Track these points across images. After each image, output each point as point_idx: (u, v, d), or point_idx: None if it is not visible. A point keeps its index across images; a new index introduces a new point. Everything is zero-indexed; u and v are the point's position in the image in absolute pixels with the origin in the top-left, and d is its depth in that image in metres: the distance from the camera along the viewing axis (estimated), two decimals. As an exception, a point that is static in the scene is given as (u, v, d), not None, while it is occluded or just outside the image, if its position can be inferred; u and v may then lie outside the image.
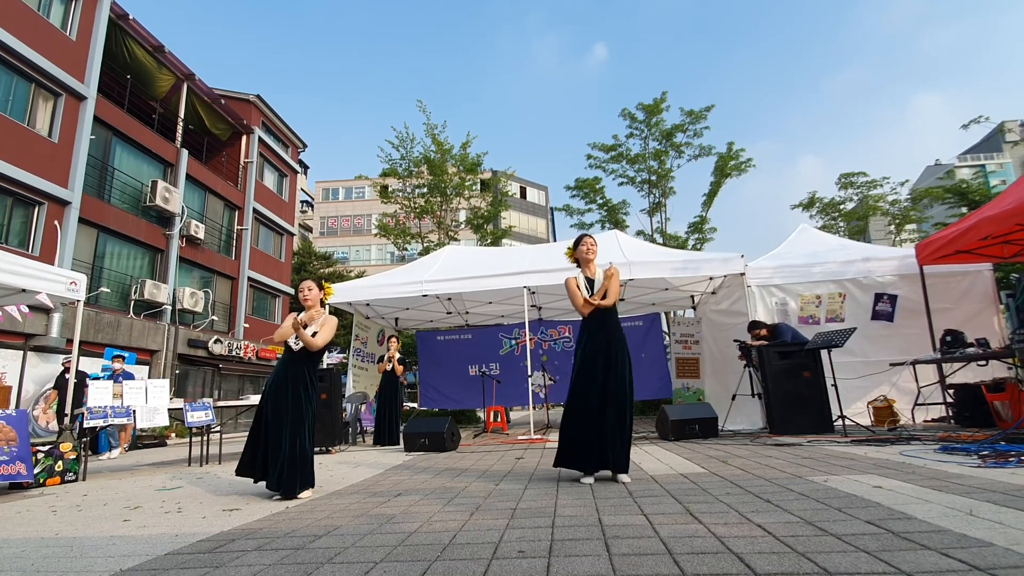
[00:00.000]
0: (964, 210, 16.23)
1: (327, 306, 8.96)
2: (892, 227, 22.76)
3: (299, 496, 3.57)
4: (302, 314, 3.89)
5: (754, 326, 6.81)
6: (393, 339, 8.25)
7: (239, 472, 3.83)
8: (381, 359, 8.09)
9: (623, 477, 3.47)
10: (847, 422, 5.83)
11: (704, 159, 18.34)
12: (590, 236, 4.03)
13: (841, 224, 23.01)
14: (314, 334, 3.82)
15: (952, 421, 6.24)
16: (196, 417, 6.33)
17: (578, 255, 3.96)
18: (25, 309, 6.21)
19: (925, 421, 6.60)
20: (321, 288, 4.08)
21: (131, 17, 15.14)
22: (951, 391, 6.31)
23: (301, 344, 3.80)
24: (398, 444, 7.54)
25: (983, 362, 6.01)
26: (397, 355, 7.96)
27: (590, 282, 3.85)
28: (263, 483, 3.76)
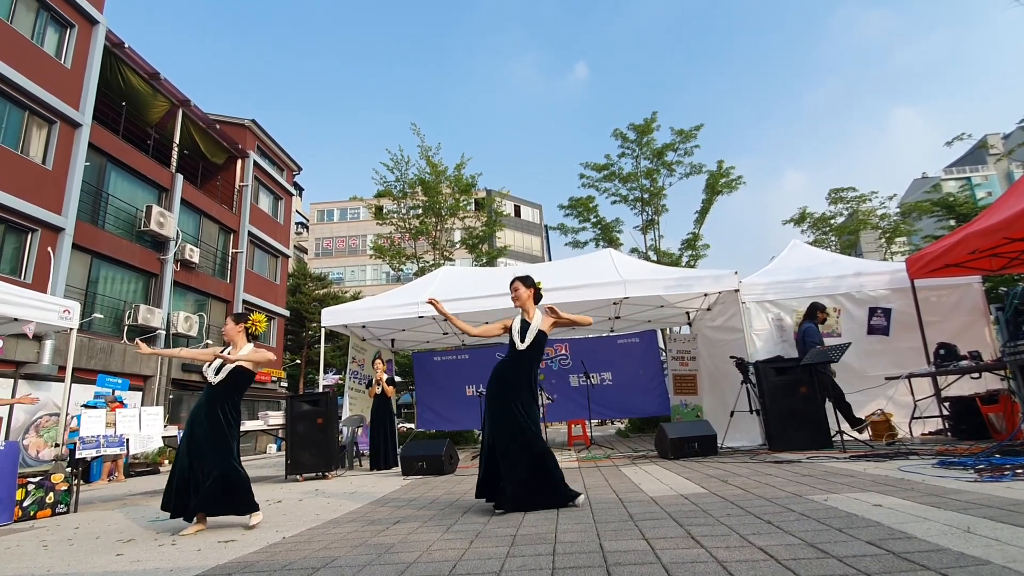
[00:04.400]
0: (952, 223, 16.48)
1: (322, 329, 8.90)
2: (883, 241, 23.02)
3: (251, 519, 3.65)
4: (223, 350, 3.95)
5: (817, 308, 6.86)
6: (378, 361, 8.25)
7: (169, 512, 3.68)
8: (370, 383, 8.07)
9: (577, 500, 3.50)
10: (845, 437, 5.83)
11: (695, 177, 18.59)
12: (518, 280, 3.89)
13: (832, 239, 23.27)
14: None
15: (949, 433, 6.26)
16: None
17: (513, 298, 3.88)
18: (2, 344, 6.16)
19: (922, 434, 6.61)
20: (243, 321, 4.01)
21: (127, 45, 15.34)
22: (946, 404, 6.34)
23: (220, 377, 3.81)
24: (394, 467, 7.48)
25: (976, 374, 6.05)
26: (384, 376, 7.95)
27: (525, 325, 3.78)
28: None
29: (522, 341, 3.72)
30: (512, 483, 3.43)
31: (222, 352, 3.91)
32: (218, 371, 3.84)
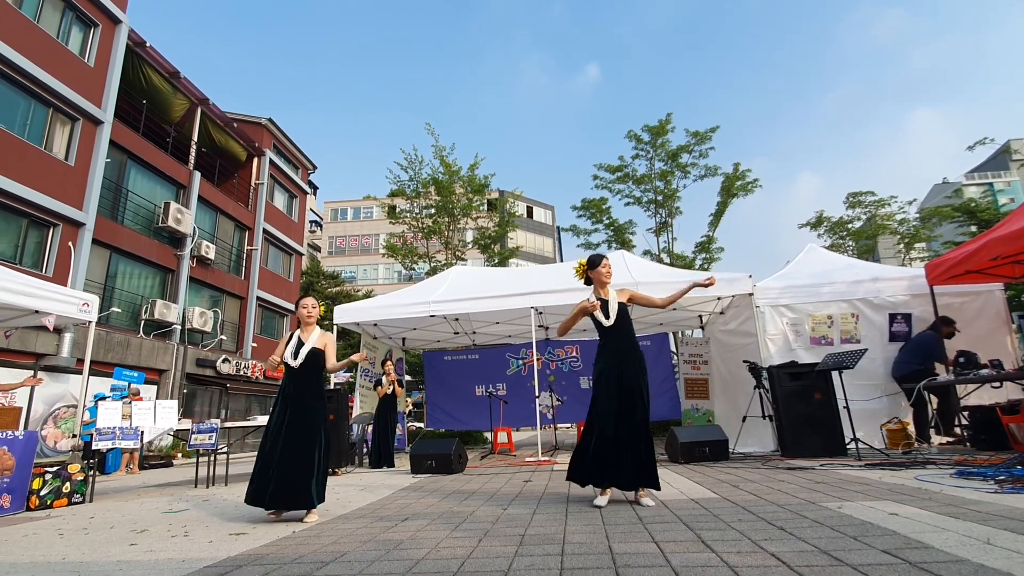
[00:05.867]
0: (973, 229, 16.15)
1: (334, 326, 9.00)
2: (901, 246, 22.62)
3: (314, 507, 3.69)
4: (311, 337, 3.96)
5: (943, 322, 6.48)
6: (388, 363, 8.34)
7: (252, 501, 3.72)
8: (379, 383, 8.17)
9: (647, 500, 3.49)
10: (860, 445, 5.73)
11: (710, 179, 18.45)
12: (608, 258, 4.01)
13: (850, 243, 22.92)
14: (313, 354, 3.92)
15: (967, 443, 6.12)
16: (199, 440, 6.30)
17: (595, 276, 3.95)
18: (10, 332, 6.29)
19: (940, 444, 6.48)
20: (319, 304, 4.17)
21: (148, 44, 15.59)
22: (965, 413, 6.21)
23: (300, 360, 3.85)
24: (393, 466, 7.64)
25: (997, 383, 5.92)
26: (396, 377, 8.10)
27: (604, 303, 3.85)
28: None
29: (607, 318, 3.79)
30: (632, 460, 3.46)
31: (289, 337, 4.01)
32: (296, 355, 3.89)
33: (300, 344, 3.92)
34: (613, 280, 4.09)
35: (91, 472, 5.48)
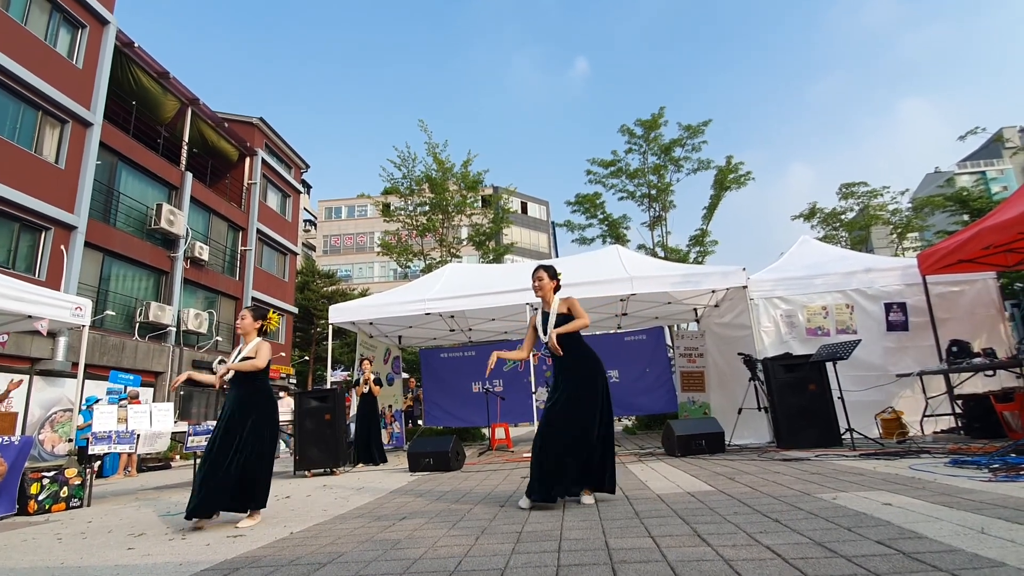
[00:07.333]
0: (966, 218, 16.24)
1: (330, 326, 8.97)
2: (894, 236, 22.72)
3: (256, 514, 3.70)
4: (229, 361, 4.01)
5: None
6: (366, 362, 8.39)
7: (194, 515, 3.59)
8: (357, 383, 8.21)
9: (586, 499, 3.47)
10: (855, 435, 5.77)
11: (703, 172, 18.48)
12: (543, 269, 3.80)
13: (843, 234, 22.98)
14: (244, 359, 3.89)
15: (962, 432, 6.17)
16: (197, 441, 6.31)
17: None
18: (3, 337, 6.28)
19: (934, 432, 6.53)
20: (262, 318, 4.07)
21: (136, 45, 15.46)
22: (959, 402, 6.25)
23: (231, 373, 3.86)
24: (382, 462, 7.77)
25: (991, 372, 5.96)
26: (372, 376, 8.15)
27: (546, 316, 3.72)
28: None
29: (545, 333, 3.65)
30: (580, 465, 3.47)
31: (237, 350, 4.05)
32: (228, 371, 3.94)
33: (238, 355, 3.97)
34: (610, 277, 4.06)
35: (88, 476, 5.46)
